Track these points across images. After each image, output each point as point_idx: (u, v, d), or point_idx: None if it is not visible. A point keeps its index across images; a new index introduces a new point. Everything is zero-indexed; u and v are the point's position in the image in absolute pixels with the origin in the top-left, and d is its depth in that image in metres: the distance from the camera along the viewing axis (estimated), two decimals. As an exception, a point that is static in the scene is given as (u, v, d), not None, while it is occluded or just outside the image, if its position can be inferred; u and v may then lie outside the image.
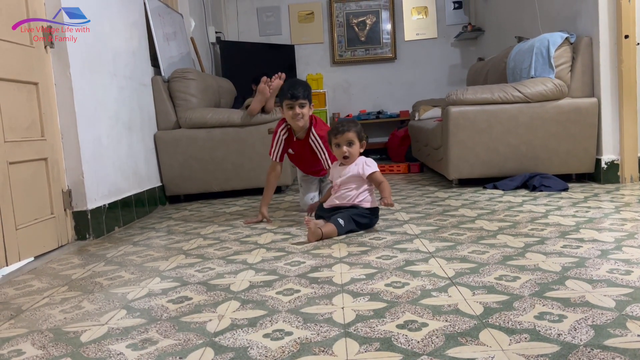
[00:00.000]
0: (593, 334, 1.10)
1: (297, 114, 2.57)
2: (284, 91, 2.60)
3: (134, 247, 2.30)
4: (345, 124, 2.36)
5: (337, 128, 2.35)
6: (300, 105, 2.57)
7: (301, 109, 2.57)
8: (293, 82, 2.64)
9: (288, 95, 2.56)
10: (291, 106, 2.58)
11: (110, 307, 1.50)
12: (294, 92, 2.55)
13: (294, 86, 2.58)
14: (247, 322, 1.30)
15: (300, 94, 2.55)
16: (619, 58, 3.14)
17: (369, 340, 1.15)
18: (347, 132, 2.32)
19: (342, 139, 2.33)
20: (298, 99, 2.55)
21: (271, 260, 1.89)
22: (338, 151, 2.35)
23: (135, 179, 3.15)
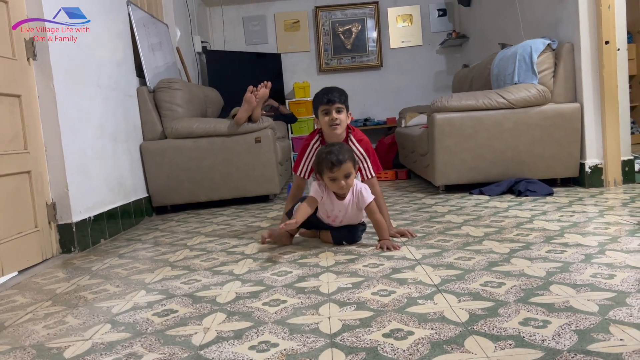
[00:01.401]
0: (577, 339, 1.11)
1: (334, 119, 2.26)
2: (319, 97, 2.30)
3: (119, 260, 2.28)
4: (339, 152, 2.08)
5: (331, 159, 2.06)
6: (338, 110, 2.27)
7: (338, 114, 2.27)
8: (328, 88, 2.34)
9: (324, 100, 2.27)
10: (327, 111, 2.27)
11: (94, 322, 1.49)
12: (330, 96, 2.27)
13: (329, 91, 2.30)
14: (233, 335, 1.29)
15: (337, 98, 2.27)
16: (600, 63, 3.18)
17: (355, 350, 1.15)
18: (344, 164, 2.06)
19: (339, 173, 2.07)
20: (335, 102, 2.26)
21: (258, 271, 1.88)
22: (334, 185, 2.11)
23: (121, 190, 3.13)
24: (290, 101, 5.90)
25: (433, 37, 6.23)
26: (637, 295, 1.33)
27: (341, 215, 2.20)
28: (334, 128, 2.28)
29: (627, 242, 1.88)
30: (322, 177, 2.13)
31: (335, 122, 2.27)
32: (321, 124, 2.33)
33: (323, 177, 2.12)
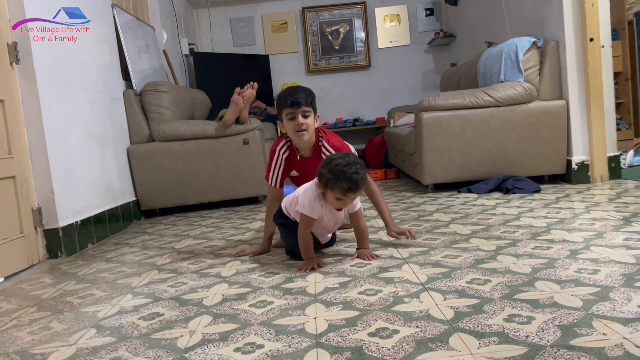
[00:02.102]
0: (560, 334, 1.11)
1: (300, 124, 2.03)
2: (282, 99, 2.07)
3: (106, 264, 2.27)
4: (356, 175, 1.77)
5: (352, 181, 1.76)
6: (304, 114, 2.04)
7: (305, 118, 2.04)
8: (292, 88, 2.11)
9: (288, 103, 2.04)
10: (292, 116, 2.04)
11: (79, 327, 1.48)
12: (295, 97, 2.03)
13: (294, 91, 2.06)
14: (219, 337, 1.29)
15: (303, 100, 2.03)
16: (584, 61, 3.21)
17: (340, 349, 1.15)
18: (361, 190, 1.83)
19: (352, 196, 1.82)
20: (300, 105, 2.03)
21: (245, 273, 1.88)
22: (337, 203, 1.85)
23: (109, 194, 3.11)
24: (279, 102, 5.88)
25: (421, 37, 6.25)
26: (621, 289, 1.34)
27: (334, 226, 2.05)
28: (300, 134, 2.05)
29: (612, 237, 1.89)
30: (327, 191, 1.82)
31: (301, 127, 2.04)
32: (287, 129, 2.09)
33: (329, 192, 1.81)
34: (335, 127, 6.06)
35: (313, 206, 1.86)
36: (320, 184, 1.83)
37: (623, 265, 1.54)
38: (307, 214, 1.86)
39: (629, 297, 1.29)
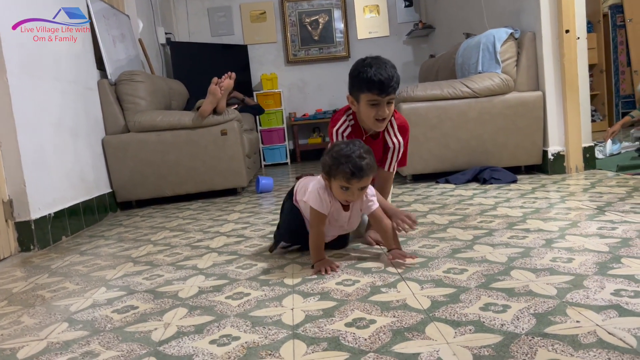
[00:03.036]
0: (535, 322, 1.12)
1: (383, 115, 1.75)
2: (366, 78, 1.69)
3: (80, 257, 2.22)
4: (365, 159, 1.58)
5: (352, 167, 1.56)
6: (389, 102, 1.74)
7: (388, 107, 1.75)
8: (379, 62, 1.71)
9: (374, 87, 1.68)
10: (376, 103, 1.72)
11: (51, 321, 1.44)
12: (385, 81, 1.67)
13: (383, 69, 1.68)
14: (194, 329, 1.27)
15: (393, 87, 1.70)
16: (560, 52, 3.24)
17: (316, 340, 1.14)
18: (365, 178, 1.59)
19: (357, 185, 1.60)
20: (389, 93, 1.70)
21: (222, 265, 1.86)
22: (341, 194, 1.63)
23: (83, 186, 3.05)
24: (258, 93, 5.84)
25: (400, 28, 6.25)
26: (594, 277, 1.36)
27: (340, 227, 1.79)
28: (379, 124, 1.78)
29: (587, 226, 1.92)
30: (331, 181, 1.63)
31: (383, 118, 1.75)
32: (361, 113, 1.79)
33: (333, 181, 1.62)
34: (315, 119, 6.05)
35: (322, 198, 1.64)
36: (324, 174, 1.65)
37: (597, 254, 1.56)
38: (316, 207, 1.65)
39: (602, 285, 1.30)
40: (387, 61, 1.75)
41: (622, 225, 1.87)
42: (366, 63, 1.73)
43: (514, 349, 1.00)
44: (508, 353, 0.99)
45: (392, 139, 1.93)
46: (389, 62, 1.75)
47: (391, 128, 1.91)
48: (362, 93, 1.75)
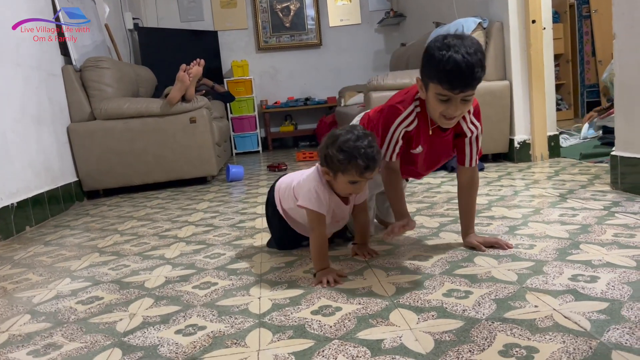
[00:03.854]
0: (495, 307, 1.15)
1: (452, 114, 1.40)
2: (435, 63, 1.32)
3: (45, 247, 2.18)
4: (371, 150, 1.39)
5: (368, 159, 1.38)
6: (464, 100, 1.37)
7: (463, 105, 1.38)
8: (461, 45, 1.31)
9: (448, 78, 1.31)
10: (447, 98, 1.36)
11: (12, 313, 1.41)
12: (462, 71, 1.29)
13: (463, 53, 1.29)
14: (160, 319, 1.26)
15: (474, 79, 1.32)
16: (527, 42, 3.29)
17: (282, 328, 1.15)
18: (377, 168, 1.43)
19: (370, 177, 1.44)
20: (464, 89, 1.33)
21: (190, 254, 1.85)
22: (347, 188, 1.46)
23: (48, 175, 2.98)
24: (229, 80, 5.78)
25: (371, 16, 6.25)
26: (554, 263, 1.40)
27: (337, 222, 1.64)
28: (448, 122, 1.44)
29: (549, 213, 1.97)
30: (337, 176, 1.44)
31: (452, 117, 1.41)
32: (430, 104, 1.45)
33: (341, 176, 1.43)
34: (287, 106, 6.02)
35: (321, 199, 1.47)
36: (326, 169, 1.45)
37: (557, 240, 1.61)
38: (315, 209, 1.47)
39: (561, 270, 1.34)
40: (474, 45, 1.31)
41: (582, 212, 1.92)
42: (445, 43, 1.31)
43: (474, 334, 1.03)
44: (468, 338, 1.02)
45: (469, 125, 1.52)
46: (478, 47, 1.32)
47: (468, 114, 1.50)
48: (431, 82, 1.37)
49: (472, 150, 1.58)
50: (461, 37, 1.35)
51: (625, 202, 2.03)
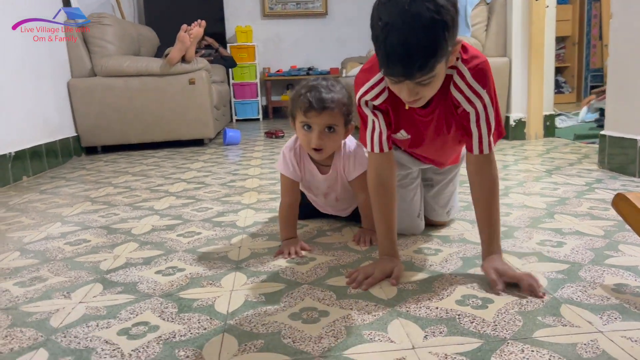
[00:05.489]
0: (461, 264, 1.20)
1: (408, 99, 1.00)
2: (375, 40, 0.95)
3: (40, 195, 2.24)
4: (328, 90, 1.27)
5: (311, 98, 1.25)
6: (421, 83, 0.96)
7: (425, 88, 0.98)
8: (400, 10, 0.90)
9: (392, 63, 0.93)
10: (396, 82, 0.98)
11: (2, 250, 1.47)
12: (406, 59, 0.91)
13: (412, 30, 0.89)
14: (142, 261, 1.32)
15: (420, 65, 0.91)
16: (529, 20, 3.28)
17: (257, 273, 1.20)
18: (327, 110, 1.26)
19: (316, 120, 1.27)
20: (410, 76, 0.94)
21: (179, 207, 1.90)
22: (305, 136, 1.31)
23: (46, 128, 3.02)
24: (232, 45, 5.76)
25: (379, -12, 6.18)
26: (525, 229, 1.45)
27: (327, 195, 1.47)
28: (411, 104, 1.04)
29: (531, 186, 2.01)
30: (293, 118, 1.34)
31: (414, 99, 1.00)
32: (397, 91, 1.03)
33: (295, 121, 1.33)
34: (289, 75, 6.02)
35: (287, 161, 1.39)
36: (290, 119, 1.36)
37: (533, 210, 1.65)
38: (281, 171, 1.40)
39: (530, 236, 1.39)
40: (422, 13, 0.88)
41: (564, 187, 1.96)
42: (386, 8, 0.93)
43: (436, 285, 1.09)
44: (430, 288, 1.07)
45: (469, 98, 1.08)
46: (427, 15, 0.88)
47: (461, 80, 1.07)
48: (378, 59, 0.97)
49: (480, 131, 1.10)
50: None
51: (608, 179, 2.07)
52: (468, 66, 1.06)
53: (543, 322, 0.91)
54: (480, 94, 1.07)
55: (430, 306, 0.99)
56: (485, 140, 1.11)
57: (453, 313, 0.96)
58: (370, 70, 1.13)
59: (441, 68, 0.96)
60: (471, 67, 1.06)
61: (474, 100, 1.08)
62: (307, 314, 0.98)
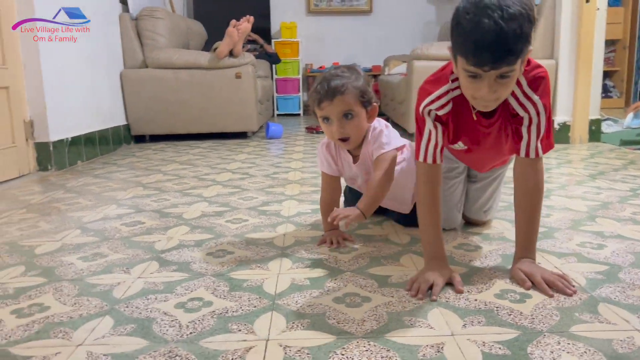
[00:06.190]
0: (500, 261, 1.23)
1: (484, 98, 1.03)
2: (459, 31, 1.00)
3: (94, 179, 2.36)
4: (336, 77, 1.29)
5: (320, 89, 1.28)
6: (503, 76, 1.00)
7: (500, 84, 1.01)
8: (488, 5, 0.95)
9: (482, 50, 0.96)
10: (474, 75, 1.00)
11: (65, 227, 1.58)
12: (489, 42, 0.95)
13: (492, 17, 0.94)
14: (194, 243, 1.40)
15: (513, 50, 0.96)
16: (579, 22, 3.23)
17: (302, 259, 1.26)
18: (338, 97, 1.27)
19: (331, 110, 1.28)
20: (495, 64, 0.97)
21: (225, 195, 1.98)
22: (328, 129, 1.33)
23: (99, 115, 3.17)
24: (276, 41, 5.85)
25: (425, -14, 6.16)
26: (566, 231, 1.46)
27: (361, 174, 1.44)
28: (483, 106, 1.09)
29: (573, 190, 2.00)
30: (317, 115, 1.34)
31: (484, 101, 1.05)
32: (462, 82, 1.07)
33: (317, 114, 1.33)
34: (331, 72, 6.06)
35: (322, 157, 1.43)
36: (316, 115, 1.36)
37: (575, 213, 1.66)
38: (319, 167, 1.46)
39: (571, 237, 1.41)
40: (517, 4, 0.95)
41: (607, 192, 1.95)
42: (477, 2, 0.97)
43: (475, 279, 1.12)
44: (469, 282, 1.11)
45: (523, 104, 1.11)
46: (521, 8, 0.95)
47: (518, 88, 1.09)
48: (458, 54, 1.02)
49: (529, 136, 1.12)
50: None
51: (653, 186, 2.05)
52: (526, 75, 1.09)
53: (580, 318, 0.93)
54: (533, 100, 1.09)
55: (469, 298, 1.03)
56: (533, 144, 1.13)
57: (491, 305, 0.99)
58: (437, 82, 1.17)
59: (519, 65, 0.99)
60: (529, 76, 1.09)
61: (527, 106, 1.10)
62: (350, 298, 1.03)
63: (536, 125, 1.12)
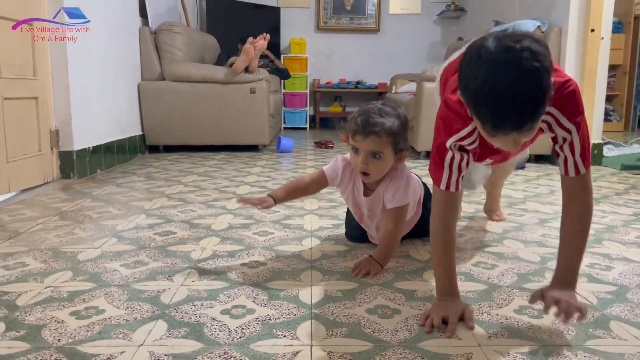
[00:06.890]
0: (516, 279, 1.33)
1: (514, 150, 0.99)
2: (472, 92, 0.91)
3: (117, 188, 2.45)
4: (376, 115, 1.31)
5: (359, 122, 1.32)
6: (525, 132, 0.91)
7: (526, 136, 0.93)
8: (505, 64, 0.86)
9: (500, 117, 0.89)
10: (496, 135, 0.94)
11: (101, 235, 1.67)
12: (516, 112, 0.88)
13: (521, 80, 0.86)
14: (227, 254, 1.49)
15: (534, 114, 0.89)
16: (584, 50, 3.36)
17: (331, 272, 1.35)
18: (372, 137, 1.30)
19: (362, 145, 1.33)
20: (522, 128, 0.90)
21: (249, 208, 2.07)
22: (354, 159, 1.38)
23: (118, 125, 3.26)
24: (286, 56, 5.98)
25: (432, 7, 6.32)
26: (575, 253, 1.56)
27: (370, 218, 1.51)
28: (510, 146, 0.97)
29: (579, 213, 2.10)
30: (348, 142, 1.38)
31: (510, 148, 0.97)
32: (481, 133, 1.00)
33: (349, 141, 1.38)
34: (338, 87, 6.20)
35: (336, 164, 1.48)
36: None
37: (582, 235, 1.75)
38: (325, 169, 1.49)
39: (580, 258, 1.50)
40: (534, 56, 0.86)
41: (611, 215, 2.05)
42: (487, 53, 0.89)
43: (495, 296, 1.21)
44: (489, 298, 1.20)
45: (554, 125, 1.06)
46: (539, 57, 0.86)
47: (550, 117, 1.04)
48: (471, 113, 0.96)
49: (565, 154, 1.08)
50: (517, 39, 0.87)
51: (655, 211, 2.15)
52: (557, 98, 1.00)
53: (594, 334, 1.03)
54: (567, 128, 1.05)
55: (491, 312, 1.12)
56: (570, 161, 1.07)
57: (512, 320, 1.09)
58: (458, 121, 1.10)
59: None
60: (560, 97, 1.02)
61: (569, 126, 1.05)
62: (382, 310, 1.12)
63: (569, 143, 1.06)
